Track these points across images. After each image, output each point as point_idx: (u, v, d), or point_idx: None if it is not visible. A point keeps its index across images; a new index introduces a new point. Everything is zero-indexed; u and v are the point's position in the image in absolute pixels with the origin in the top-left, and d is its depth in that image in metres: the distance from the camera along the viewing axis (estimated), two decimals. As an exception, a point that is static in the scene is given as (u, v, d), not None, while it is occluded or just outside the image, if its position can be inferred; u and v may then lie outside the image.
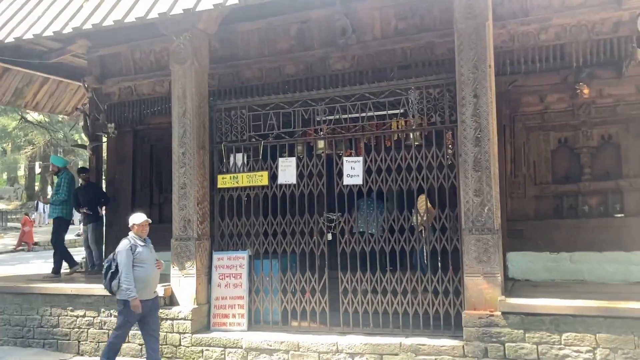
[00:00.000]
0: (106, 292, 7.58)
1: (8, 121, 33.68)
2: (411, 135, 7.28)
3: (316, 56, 8.25)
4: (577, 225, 8.19)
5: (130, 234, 6.62)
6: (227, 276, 7.65)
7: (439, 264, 6.88)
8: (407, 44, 7.83)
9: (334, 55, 8.15)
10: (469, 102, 6.44)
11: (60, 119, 29.19)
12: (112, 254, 6.58)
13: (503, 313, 6.09)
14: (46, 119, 30.30)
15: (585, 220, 8.19)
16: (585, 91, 7.93)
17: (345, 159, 7.33)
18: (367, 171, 7.26)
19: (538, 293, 6.74)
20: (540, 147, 8.53)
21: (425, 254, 7.10)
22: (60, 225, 9.56)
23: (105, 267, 6.60)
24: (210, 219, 7.85)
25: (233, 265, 7.64)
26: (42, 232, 26.59)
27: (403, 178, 7.07)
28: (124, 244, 6.44)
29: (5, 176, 51.09)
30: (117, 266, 6.37)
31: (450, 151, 7.04)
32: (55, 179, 9.40)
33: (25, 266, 16.72)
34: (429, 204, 7.49)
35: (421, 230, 7.20)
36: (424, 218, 7.20)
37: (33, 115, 29.81)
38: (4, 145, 39.83)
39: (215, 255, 7.76)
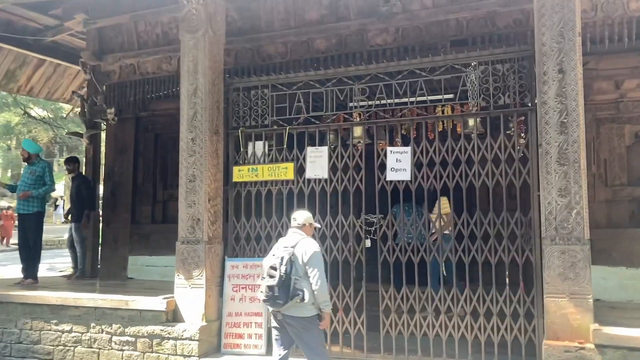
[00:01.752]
0: (97, 304, 6.35)
1: (11, 117, 32.60)
2: (470, 122, 5.95)
3: (352, 28, 6.95)
4: (661, 236, 6.88)
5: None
6: (242, 288, 6.35)
7: (507, 280, 5.56)
8: (463, 14, 6.52)
9: (373, 27, 6.85)
10: (553, 79, 5.13)
11: (64, 115, 28.10)
12: (284, 257, 4.65)
13: (597, 346, 4.76)
14: (50, 115, 29.20)
15: (670, 230, 6.87)
16: (676, 75, 6.62)
17: (389, 149, 6.03)
18: (417, 165, 5.97)
19: (626, 319, 5.41)
20: (614, 142, 7.22)
21: (444, 266, 5.89)
22: (40, 221, 8.25)
23: (276, 272, 4.64)
24: (223, 218, 6.56)
25: (250, 274, 6.34)
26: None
27: (462, 173, 5.77)
28: (317, 246, 4.80)
29: (9, 173, 50.11)
30: (289, 272, 4.61)
31: (522, 141, 5.73)
32: (30, 168, 8.03)
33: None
34: (446, 208, 6.21)
35: (434, 240, 6.06)
36: (442, 224, 5.97)
37: (37, 111, 28.72)
38: (8, 141, 38.80)
39: (229, 263, 6.47)
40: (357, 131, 6.34)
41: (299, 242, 4.74)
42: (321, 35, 7.10)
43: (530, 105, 5.57)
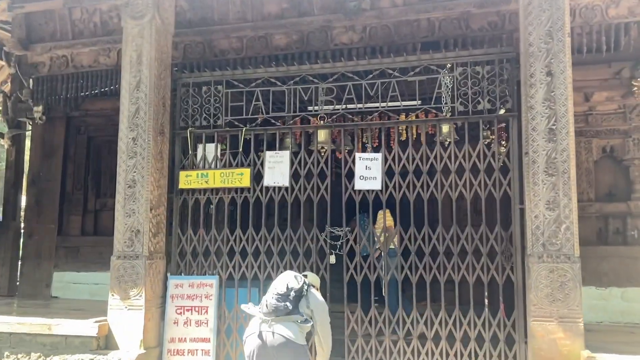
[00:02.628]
0: (12, 329, 5.44)
1: None
2: (445, 128, 5.47)
3: (315, 24, 6.36)
4: (631, 255, 6.62)
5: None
6: (187, 310, 5.56)
7: (486, 300, 5.07)
8: (436, 13, 6.07)
9: (339, 24, 6.30)
10: (540, 82, 4.73)
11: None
12: (292, 291, 3.89)
13: (591, 375, 4.32)
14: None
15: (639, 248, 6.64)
16: (644, 90, 6.43)
17: (358, 155, 5.46)
18: (388, 173, 5.43)
19: (612, 343, 5.03)
20: (582, 156, 6.96)
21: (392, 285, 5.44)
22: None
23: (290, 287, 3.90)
24: (167, 230, 5.77)
25: (197, 294, 5.56)
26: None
27: (437, 183, 5.27)
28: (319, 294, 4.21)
29: None
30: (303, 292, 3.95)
31: (503, 149, 5.30)
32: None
33: None
34: (389, 221, 5.74)
35: (378, 256, 5.52)
36: (382, 239, 5.50)
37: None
38: None
39: (173, 281, 5.66)
40: (322, 135, 5.73)
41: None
42: (281, 31, 6.48)
43: (512, 110, 5.15)
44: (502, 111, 5.16)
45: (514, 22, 5.72)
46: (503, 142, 5.37)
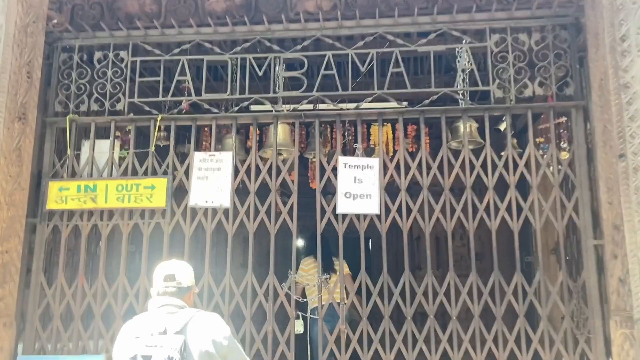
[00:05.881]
0: None
1: None
2: (463, 126, 3.64)
3: (268, -17, 4.45)
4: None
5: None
6: (48, 416, 3.23)
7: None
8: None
9: (302, -17, 4.42)
10: (637, 49, 3.04)
11: None
12: (169, 355, 2.08)
13: None
14: None
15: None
16: None
17: (342, 160, 3.49)
18: (388, 189, 3.50)
19: None
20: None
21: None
22: None
23: None
24: (21, 278, 3.45)
25: (67, 389, 3.27)
26: None
27: (467, 207, 3.40)
28: (224, 323, 2.33)
29: None
30: None
31: (565, 155, 3.53)
32: None
33: None
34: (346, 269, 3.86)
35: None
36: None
37: None
38: None
39: (25, 365, 3.33)
40: (285, 130, 3.74)
41: (189, 321, 2.18)
42: (218, -9, 4.50)
43: (574, 98, 3.44)
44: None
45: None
46: (564, 146, 3.63)
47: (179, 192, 3.59)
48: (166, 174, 3.57)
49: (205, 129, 4.47)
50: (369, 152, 3.91)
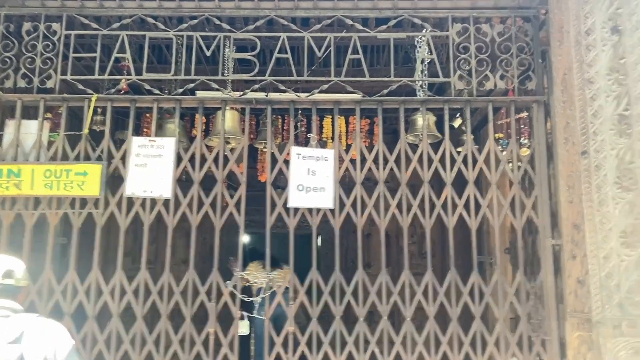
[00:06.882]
0: None
1: None
2: (422, 118, 3.48)
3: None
4: None
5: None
6: None
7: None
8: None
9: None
10: (603, 42, 2.94)
11: None
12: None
13: None
14: None
15: None
16: None
17: (295, 150, 3.26)
18: (343, 183, 3.30)
19: None
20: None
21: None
22: None
23: None
24: None
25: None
26: None
27: (424, 202, 3.24)
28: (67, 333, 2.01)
29: None
30: None
31: (525, 151, 3.42)
32: None
33: None
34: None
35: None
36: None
37: None
38: None
39: None
40: (233, 116, 3.47)
41: (26, 329, 1.91)
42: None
43: (535, 93, 3.35)
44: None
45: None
46: (525, 142, 3.52)
47: (115, 181, 3.28)
48: (101, 160, 3.25)
49: (147, 114, 4.16)
50: (321, 146, 3.69)
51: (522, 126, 3.49)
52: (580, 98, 2.94)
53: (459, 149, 3.36)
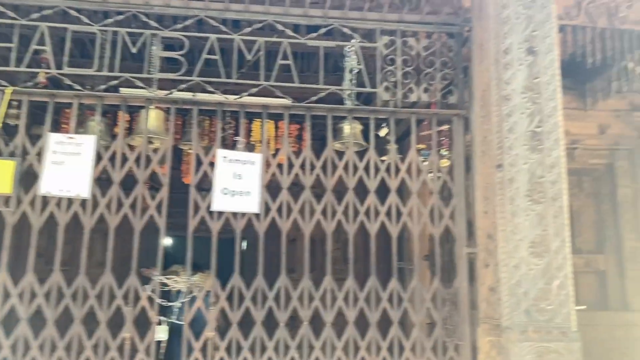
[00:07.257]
0: None
1: None
2: (349, 127, 3.55)
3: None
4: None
5: None
6: None
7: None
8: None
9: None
10: (519, 62, 3.11)
11: None
12: None
13: None
14: None
15: None
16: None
17: (221, 153, 3.23)
18: (270, 186, 3.30)
19: None
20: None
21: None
22: None
23: None
24: None
25: None
26: None
27: (347, 208, 3.30)
28: None
29: None
30: None
31: (445, 163, 3.54)
32: None
33: None
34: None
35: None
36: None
37: None
38: None
39: None
40: (157, 116, 3.40)
41: None
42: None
43: (456, 107, 3.48)
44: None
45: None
46: (445, 153, 3.65)
47: (29, 179, 3.13)
48: (14, 156, 3.10)
49: (66, 110, 3.99)
50: (249, 149, 3.69)
51: (443, 138, 3.61)
52: (498, 114, 3.09)
53: (384, 158, 3.44)
